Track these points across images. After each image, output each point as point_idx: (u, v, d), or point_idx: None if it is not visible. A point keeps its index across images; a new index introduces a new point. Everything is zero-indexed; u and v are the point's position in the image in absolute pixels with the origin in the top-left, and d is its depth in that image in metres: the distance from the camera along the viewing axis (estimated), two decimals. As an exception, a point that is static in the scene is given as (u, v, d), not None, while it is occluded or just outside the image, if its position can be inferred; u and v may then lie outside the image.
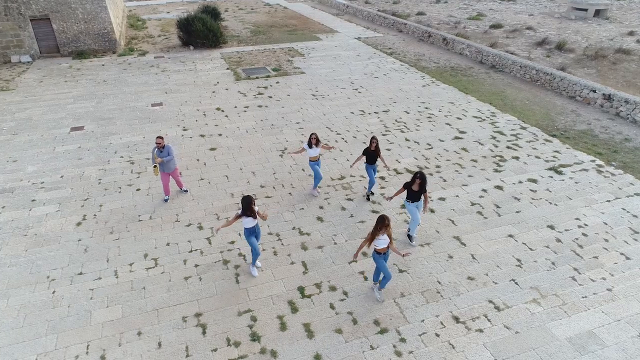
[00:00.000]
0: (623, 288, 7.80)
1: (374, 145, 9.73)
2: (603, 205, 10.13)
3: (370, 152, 9.86)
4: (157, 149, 9.56)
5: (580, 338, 6.84)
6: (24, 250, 8.73)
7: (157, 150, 9.57)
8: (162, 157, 9.54)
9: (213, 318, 7.19)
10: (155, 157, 9.51)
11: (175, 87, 17.95)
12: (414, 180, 8.36)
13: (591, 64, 20.37)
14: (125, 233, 9.23)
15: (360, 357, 6.54)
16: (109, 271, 8.19)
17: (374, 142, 9.73)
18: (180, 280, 7.97)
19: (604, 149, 12.74)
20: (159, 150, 9.57)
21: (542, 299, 7.58)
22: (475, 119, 14.78)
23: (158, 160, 9.48)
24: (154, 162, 9.55)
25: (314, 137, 9.94)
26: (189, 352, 6.61)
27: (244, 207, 7.54)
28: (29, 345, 6.70)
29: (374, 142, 9.73)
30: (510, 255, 8.59)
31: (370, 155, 9.90)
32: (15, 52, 21.47)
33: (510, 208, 10.05)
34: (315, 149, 9.98)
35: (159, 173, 9.79)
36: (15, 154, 12.48)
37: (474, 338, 6.85)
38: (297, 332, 6.94)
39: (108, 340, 6.80)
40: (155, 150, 9.59)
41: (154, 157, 9.52)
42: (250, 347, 6.69)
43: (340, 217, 9.73)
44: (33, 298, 7.58)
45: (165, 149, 9.62)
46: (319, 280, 7.97)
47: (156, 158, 9.50)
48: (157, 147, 9.55)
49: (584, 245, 8.87)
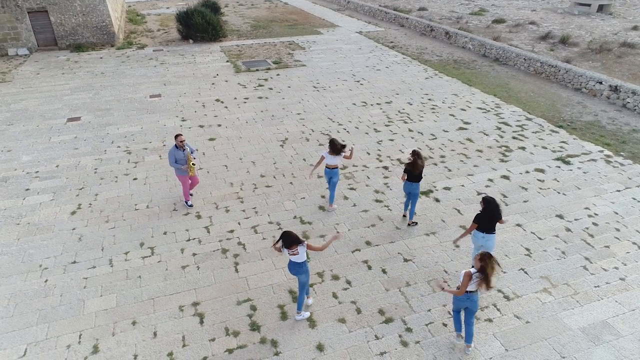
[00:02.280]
0: (637, 277, 7.51)
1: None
2: (613, 195, 9.84)
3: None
4: (178, 147, 8.72)
5: (594, 328, 6.55)
6: (16, 239, 8.44)
7: (178, 150, 8.73)
8: (185, 156, 8.76)
9: (211, 307, 6.91)
10: (189, 155, 8.82)
11: (174, 79, 17.66)
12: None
13: (596, 57, 20.06)
14: (121, 222, 8.95)
15: (365, 347, 6.26)
16: (104, 260, 7.90)
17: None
18: (177, 269, 7.69)
19: (612, 140, 12.45)
20: (181, 149, 8.75)
21: (553, 288, 7.29)
22: (480, 110, 14.49)
23: (192, 157, 8.87)
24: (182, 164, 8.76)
25: (336, 143, 8.53)
26: (185, 341, 6.33)
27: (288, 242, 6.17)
28: (19, 335, 6.42)
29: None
30: (519, 245, 8.31)
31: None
32: (12, 45, 21.18)
33: (517, 198, 9.76)
34: (339, 157, 8.61)
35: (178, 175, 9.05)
36: (10, 144, 12.19)
37: (483, 328, 6.56)
38: (299, 322, 6.65)
39: (101, 330, 6.51)
40: (185, 150, 8.79)
41: (188, 156, 8.80)
42: (249, 336, 6.41)
43: (343, 207, 9.45)
44: (24, 287, 7.30)
45: (187, 149, 8.87)
46: (321, 269, 7.69)
47: (189, 156, 8.82)
48: (178, 146, 8.71)
49: (594, 234, 8.58)
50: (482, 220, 6.87)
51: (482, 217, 6.87)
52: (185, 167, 8.83)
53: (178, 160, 8.75)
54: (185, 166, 8.83)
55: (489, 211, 6.81)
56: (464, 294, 5.74)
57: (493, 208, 6.80)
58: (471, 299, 5.79)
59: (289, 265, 6.40)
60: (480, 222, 6.89)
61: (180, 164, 8.79)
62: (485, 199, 6.89)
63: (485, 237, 6.94)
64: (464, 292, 5.70)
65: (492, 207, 6.81)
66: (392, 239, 8.44)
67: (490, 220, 6.86)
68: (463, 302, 5.87)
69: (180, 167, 8.81)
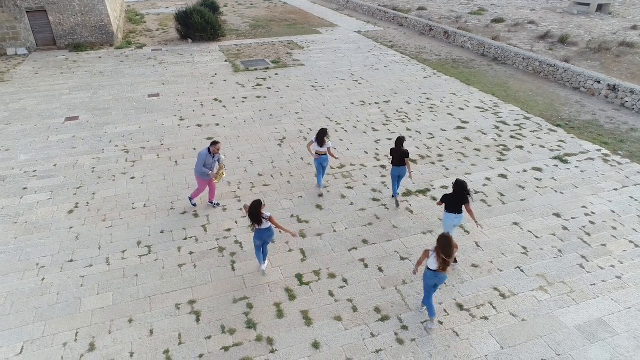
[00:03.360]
0: (633, 276, 7.52)
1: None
2: (610, 194, 9.85)
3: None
4: (211, 153, 8.63)
5: (590, 326, 6.56)
6: (13, 237, 8.45)
7: (210, 156, 8.63)
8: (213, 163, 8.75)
9: (207, 305, 6.92)
10: (222, 163, 8.92)
11: (172, 78, 17.67)
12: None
13: (594, 56, 20.07)
14: (118, 221, 8.96)
15: (361, 344, 6.26)
16: (101, 258, 7.91)
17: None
18: (174, 268, 7.69)
19: (610, 139, 12.46)
20: (212, 155, 8.67)
21: (549, 286, 7.30)
22: (478, 109, 14.49)
23: (223, 166, 8.98)
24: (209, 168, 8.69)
25: (324, 133, 9.22)
26: (182, 339, 6.34)
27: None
28: (15, 333, 6.43)
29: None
30: (516, 243, 8.31)
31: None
32: (11, 45, 21.18)
33: (514, 196, 9.77)
34: (325, 146, 9.26)
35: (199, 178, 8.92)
36: (7, 143, 12.20)
37: (479, 326, 6.57)
38: (295, 320, 6.66)
39: (98, 328, 6.52)
40: (216, 157, 8.76)
41: (221, 164, 8.89)
42: (245, 334, 6.42)
43: (340, 205, 9.46)
44: (21, 285, 7.31)
45: (219, 157, 8.89)
46: (318, 268, 7.69)
47: (221, 165, 8.90)
48: (212, 152, 8.64)
49: (591, 233, 8.59)
50: (448, 199, 7.38)
51: (448, 197, 7.40)
52: (212, 173, 8.76)
53: (207, 165, 8.64)
54: (212, 172, 8.76)
55: (456, 192, 7.29)
56: (432, 272, 6.15)
57: (460, 190, 7.22)
58: (439, 277, 6.18)
59: (259, 234, 7.09)
60: (447, 201, 7.39)
61: (208, 168, 8.67)
62: (457, 181, 7.33)
63: (447, 215, 7.47)
64: (431, 270, 6.15)
65: (460, 189, 7.23)
66: (389, 238, 8.45)
67: (457, 201, 7.31)
68: (432, 279, 6.21)
69: (208, 172, 8.68)
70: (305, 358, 6.06)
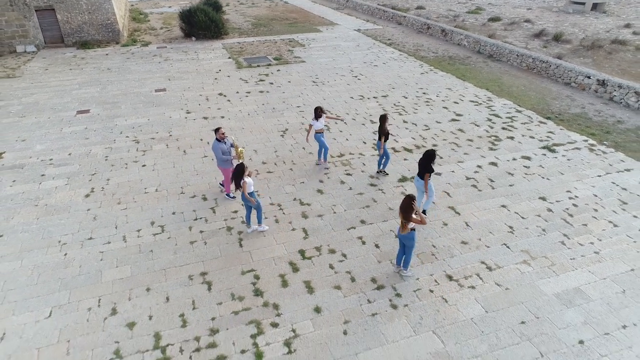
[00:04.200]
0: (610, 251, 8.14)
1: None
2: (594, 180, 10.48)
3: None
4: (220, 140, 9.05)
5: (567, 294, 7.18)
6: (35, 218, 9.08)
7: (221, 143, 9.05)
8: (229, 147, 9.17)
9: (218, 277, 7.54)
10: (235, 143, 9.25)
11: (178, 74, 18.30)
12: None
13: (587, 53, 20.69)
14: (132, 203, 9.59)
15: (358, 309, 6.89)
16: (118, 236, 8.54)
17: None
18: (186, 244, 8.32)
19: (597, 130, 13.08)
20: (223, 141, 9.08)
21: (532, 260, 7.92)
22: (472, 103, 15.12)
23: (237, 145, 9.32)
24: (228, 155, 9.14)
25: (319, 109, 10.40)
26: (195, 305, 6.96)
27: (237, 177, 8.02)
28: (43, 300, 7.06)
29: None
30: (503, 223, 8.94)
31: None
32: (20, 42, 21.82)
33: (503, 182, 10.40)
34: (321, 120, 10.49)
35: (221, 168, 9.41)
36: (23, 134, 12.83)
37: (466, 294, 7.20)
38: (298, 289, 7.29)
39: (118, 295, 7.15)
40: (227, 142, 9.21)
41: (235, 144, 9.24)
42: (253, 301, 7.04)
43: (340, 190, 10.08)
44: (46, 260, 7.94)
45: (228, 141, 9.25)
46: (319, 244, 8.32)
47: (235, 144, 9.22)
48: (218, 139, 9.06)
49: (574, 214, 9.22)
50: (419, 165, 8.61)
51: (419, 163, 8.62)
52: (234, 156, 9.19)
53: (224, 153, 9.05)
54: (233, 155, 9.20)
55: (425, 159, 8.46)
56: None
57: (427, 158, 8.40)
58: (399, 236, 7.26)
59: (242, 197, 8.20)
60: (419, 166, 8.63)
61: (226, 155, 9.11)
62: (428, 151, 8.48)
63: (418, 180, 8.76)
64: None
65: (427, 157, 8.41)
66: (385, 218, 9.07)
67: (423, 167, 8.51)
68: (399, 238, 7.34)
69: (229, 157, 9.12)
70: (307, 320, 6.69)
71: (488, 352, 6.20)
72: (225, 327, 6.57)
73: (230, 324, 6.63)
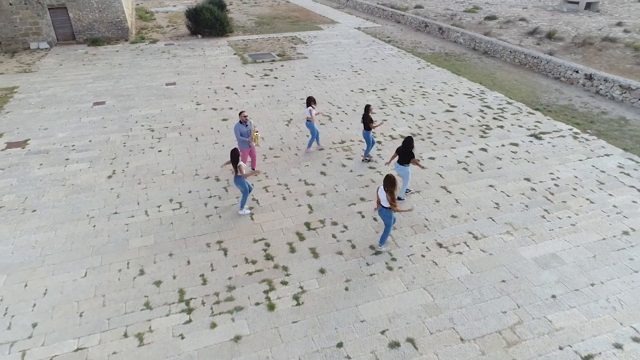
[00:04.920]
0: (585, 224, 9.03)
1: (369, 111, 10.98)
2: (575, 164, 11.36)
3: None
4: (242, 122, 9.98)
5: (544, 258, 8.07)
6: (64, 196, 9.97)
7: (242, 125, 10.01)
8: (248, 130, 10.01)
9: (232, 244, 8.43)
10: (253, 128, 10.10)
11: (186, 69, 19.20)
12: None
13: (578, 50, 21.56)
14: (151, 184, 10.48)
15: (358, 271, 7.78)
16: (140, 211, 9.43)
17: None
18: (202, 218, 9.21)
19: (582, 120, 13.97)
20: (244, 124, 10.01)
21: (515, 231, 8.81)
22: (466, 95, 16.01)
23: (255, 129, 10.12)
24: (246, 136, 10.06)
25: (311, 99, 11.38)
26: (213, 267, 7.85)
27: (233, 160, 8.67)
28: (78, 263, 7.94)
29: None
30: (490, 200, 9.83)
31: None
32: (34, 39, 22.72)
33: (492, 165, 11.28)
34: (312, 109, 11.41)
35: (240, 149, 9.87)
36: (45, 124, 13.72)
37: (454, 258, 8.09)
38: (305, 254, 8.17)
39: (144, 260, 8.04)
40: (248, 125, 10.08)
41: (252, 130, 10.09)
42: (265, 264, 7.93)
43: (341, 172, 10.97)
44: (77, 230, 8.83)
45: (249, 124, 10.13)
46: (323, 218, 9.21)
47: (253, 128, 10.10)
48: (241, 122, 9.97)
49: (555, 193, 10.10)
50: (400, 153, 9.17)
51: (399, 151, 9.18)
52: (250, 138, 10.13)
53: (243, 134, 10.03)
54: (250, 138, 10.13)
55: (405, 146, 9.08)
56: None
57: (407, 145, 9.04)
58: (379, 212, 7.91)
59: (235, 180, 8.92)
60: (399, 154, 9.19)
61: (245, 136, 10.09)
62: (406, 138, 9.11)
63: (398, 167, 9.29)
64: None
65: (407, 144, 9.04)
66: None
67: (405, 154, 9.09)
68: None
69: (246, 139, 10.09)
70: (313, 279, 7.58)
71: (472, 304, 7.09)
72: (240, 285, 7.46)
73: (245, 282, 7.52)
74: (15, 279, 7.56)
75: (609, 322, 6.77)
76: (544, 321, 6.80)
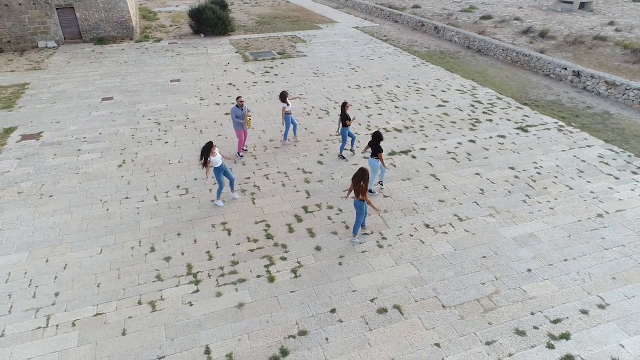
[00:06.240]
0: (563, 207, 9.72)
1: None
2: (558, 154, 12.05)
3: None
4: (239, 106, 11.04)
5: (522, 237, 8.77)
6: (78, 183, 10.68)
7: (238, 108, 11.06)
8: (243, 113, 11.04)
9: (236, 225, 9.14)
10: (247, 112, 11.10)
11: (190, 67, 19.91)
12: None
13: (569, 48, 22.24)
14: (159, 172, 11.18)
15: (351, 248, 8.48)
16: (150, 196, 10.14)
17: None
18: (207, 202, 9.92)
19: (568, 114, 14.66)
20: (240, 108, 11.08)
21: (497, 214, 9.51)
22: (458, 91, 16.70)
23: (248, 114, 11.14)
24: (240, 119, 11.10)
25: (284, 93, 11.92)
26: (218, 245, 8.56)
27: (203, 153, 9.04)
28: (94, 241, 8.65)
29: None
30: (475, 187, 10.52)
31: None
32: (41, 38, 23.43)
33: (479, 155, 11.97)
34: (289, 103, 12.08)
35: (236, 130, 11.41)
36: (57, 117, 14.43)
37: (440, 237, 8.78)
38: (302, 234, 8.88)
39: (155, 238, 8.74)
40: (244, 109, 11.09)
41: (245, 114, 11.08)
42: (265, 242, 8.64)
43: (337, 162, 11.67)
44: (91, 213, 9.54)
45: (244, 108, 11.16)
46: (319, 202, 9.91)
47: (247, 113, 11.11)
48: (238, 105, 11.03)
49: (537, 180, 10.80)
50: (371, 146, 9.67)
51: (370, 144, 9.70)
52: (243, 121, 11.17)
53: (238, 116, 11.14)
54: (243, 120, 11.16)
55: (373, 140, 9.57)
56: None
57: (375, 139, 9.53)
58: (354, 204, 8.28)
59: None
60: (370, 147, 9.69)
61: (240, 119, 11.14)
62: (375, 132, 9.62)
63: (370, 160, 9.79)
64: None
65: (375, 138, 9.54)
66: (375, 183, 10.65)
67: (374, 148, 9.58)
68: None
69: (240, 121, 11.14)
70: (310, 255, 8.28)
71: (454, 277, 7.79)
72: (243, 260, 8.17)
73: (248, 258, 8.23)
74: (37, 255, 8.27)
75: (578, 292, 7.47)
76: (519, 291, 7.49)
